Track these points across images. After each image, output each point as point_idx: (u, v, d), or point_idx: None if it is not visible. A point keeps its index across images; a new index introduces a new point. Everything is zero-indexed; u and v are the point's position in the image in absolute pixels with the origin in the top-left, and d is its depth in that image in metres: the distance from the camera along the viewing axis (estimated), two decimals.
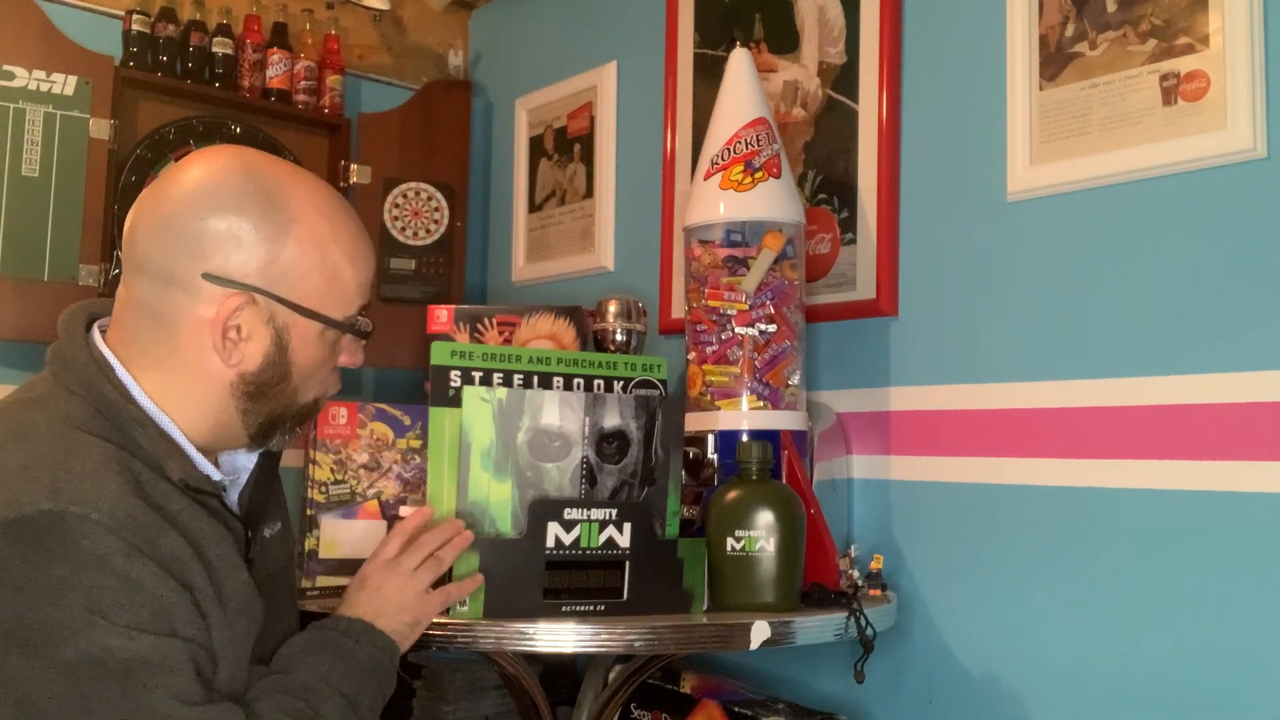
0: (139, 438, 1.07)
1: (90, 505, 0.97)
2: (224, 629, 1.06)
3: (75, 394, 1.07)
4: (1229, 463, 1.46)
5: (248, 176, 1.11)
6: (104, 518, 0.97)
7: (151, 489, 1.04)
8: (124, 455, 1.04)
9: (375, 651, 1.20)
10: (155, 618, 0.98)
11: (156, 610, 0.98)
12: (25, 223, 2.13)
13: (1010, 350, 1.70)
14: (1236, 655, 1.45)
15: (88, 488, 0.98)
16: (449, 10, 2.86)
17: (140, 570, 0.98)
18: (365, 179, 2.61)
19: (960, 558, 1.74)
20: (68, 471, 0.99)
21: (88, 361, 1.09)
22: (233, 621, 1.07)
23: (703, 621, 1.44)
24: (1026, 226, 1.70)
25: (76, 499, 0.97)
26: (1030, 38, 1.69)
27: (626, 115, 2.44)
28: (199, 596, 1.03)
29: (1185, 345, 1.52)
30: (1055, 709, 1.62)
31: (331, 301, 1.14)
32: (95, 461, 1.01)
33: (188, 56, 2.40)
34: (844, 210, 1.92)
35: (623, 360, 1.60)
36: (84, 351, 1.10)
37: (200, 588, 1.03)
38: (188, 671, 0.99)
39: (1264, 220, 1.46)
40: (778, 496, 1.50)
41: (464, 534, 1.33)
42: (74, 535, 0.96)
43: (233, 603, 1.07)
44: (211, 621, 1.04)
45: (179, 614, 1.00)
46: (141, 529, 0.99)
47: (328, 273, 1.13)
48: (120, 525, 0.98)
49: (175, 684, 0.98)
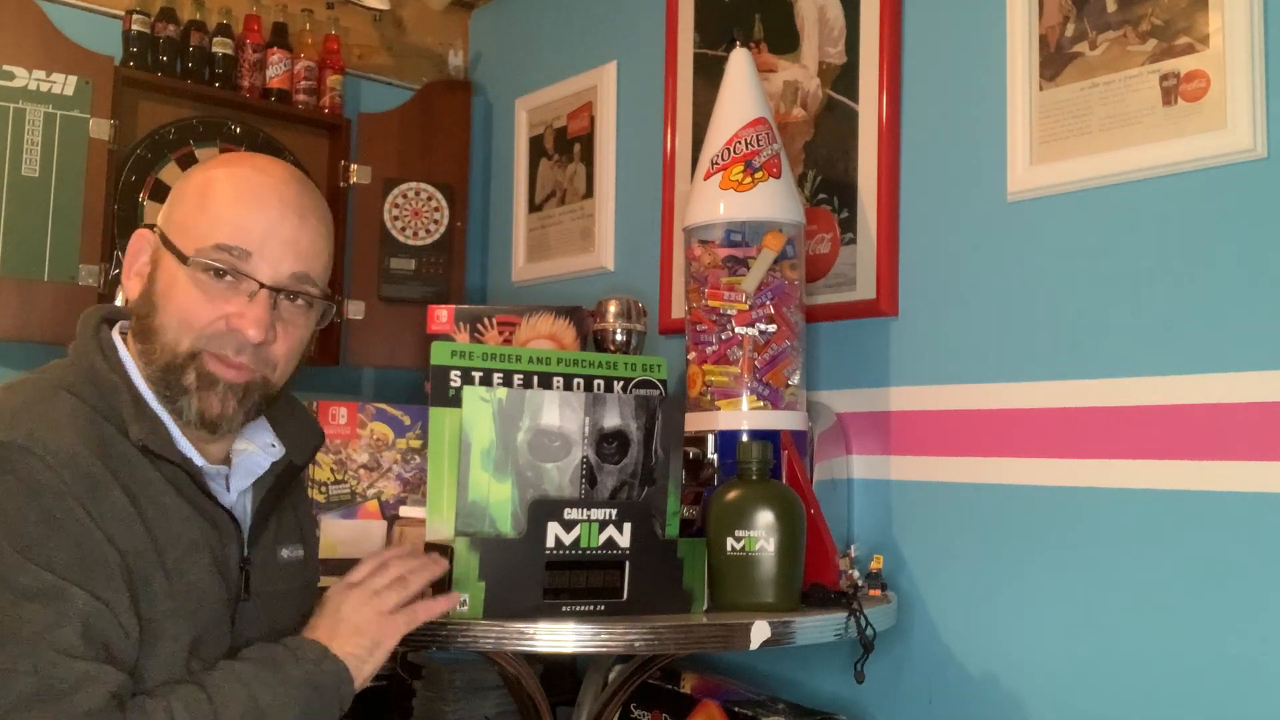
0: (118, 404, 1.11)
1: (39, 443, 1.02)
2: (167, 599, 1.07)
3: (71, 365, 1.15)
4: (1229, 463, 1.46)
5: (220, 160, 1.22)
6: (48, 455, 1.02)
7: (113, 451, 1.08)
8: (96, 417, 1.09)
9: (314, 671, 1.15)
10: (68, 564, 1.00)
11: (72, 556, 1.01)
12: (25, 223, 2.13)
13: (1010, 350, 1.70)
14: (1236, 655, 1.45)
15: (43, 430, 1.04)
16: (449, 10, 2.86)
17: (66, 514, 1.01)
18: (365, 179, 2.61)
19: (960, 558, 1.74)
20: (30, 414, 1.05)
21: (90, 338, 1.16)
22: (178, 595, 1.08)
23: (703, 621, 1.43)
24: (1027, 226, 1.70)
25: (29, 435, 1.03)
26: (1030, 38, 1.69)
27: (626, 115, 2.44)
28: (132, 561, 1.04)
29: (1185, 345, 1.52)
30: (1055, 709, 1.62)
31: (192, 236, 1.15)
32: (63, 413, 1.07)
33: (188, 56, 2.41)
34: (844, 210, 1.92)
35: (623, 360, 1.60)
36: (92, 336, 1.16)
37: (138, 553, 1.05)
38: (75, 624, 0.99)
39: (1264, 220, 1.46)
40: (778, 496, 1.50)
41: (440, 562, 1.31)
42: (13, 464, 1.01)
43: (183, 580, 1.08)
44: (153, 590, 1.06)
45: (96, 568, 1.02)
46: (84, 478, 1.03)
47: (195, 204, 1.17)
48: (62, 466, 1.02)
49: (61, 636, 0.99)
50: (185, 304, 1.14)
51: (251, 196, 1.17)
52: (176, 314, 1.14)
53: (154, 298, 1.15)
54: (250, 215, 1.16)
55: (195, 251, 1.14)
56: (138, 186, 2.36)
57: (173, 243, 1.15)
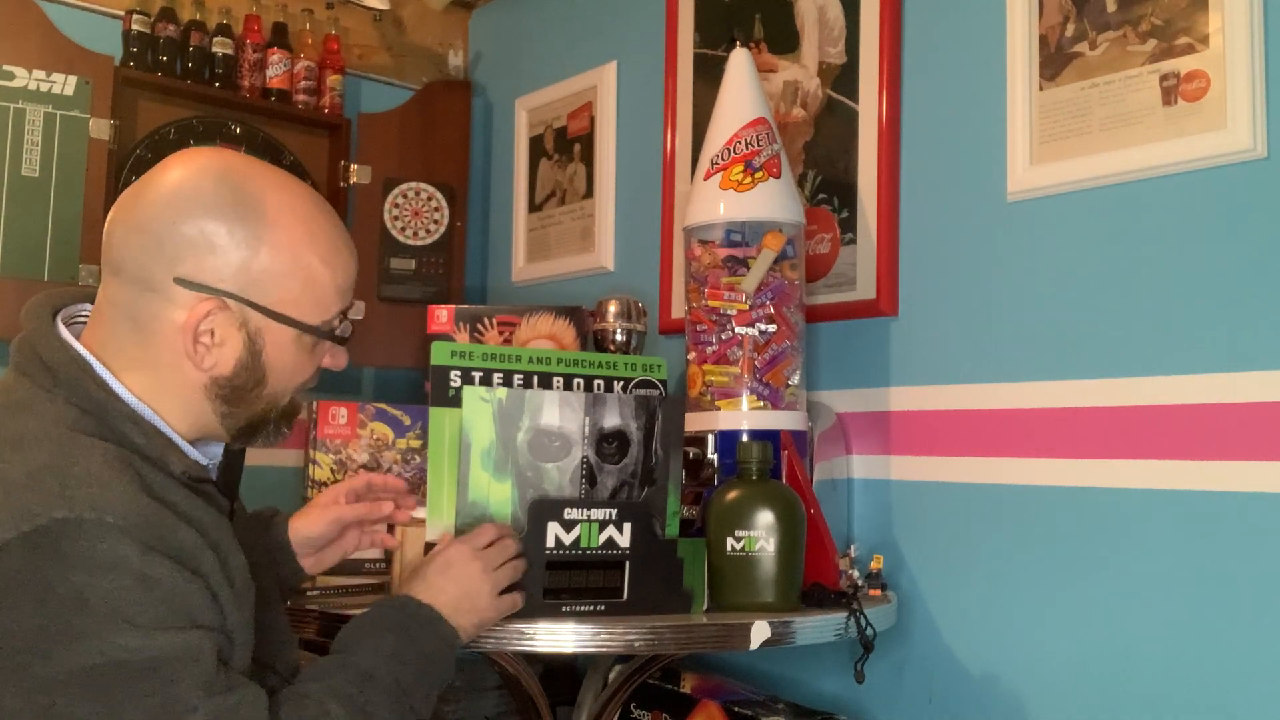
0: (132, 434, 1.07)
1: (103, 509, 0.97)
2: (235, 610, 1.07)
3: (59, 395, 1.07)
4: (1229, 463, 1.46)
5: (223, 180, 1.10)
6: (118, 520, 0.97)
7: (154, 483, 1.05)
8: (124, 453, 1.04)
9: (440, 644, 1.20)
10: (174, 613, 0.99)
11: (174, 605, 0.99)
12: (25, 223, 2.13)
13: (1010, 350, 1.70)
14: (1236, 655, 1.45)
15: (97, 491, 0.98)
16: (449, 10, 2.86)
17: (156, 568, 0.99)
18: (365, 179, 2.61)
19: (960, 558, 1.74)
20: (74, 477, 0.99)
21: (66, 361, 1.08)
22: (241, 602, 1.09)
23: (703, 621, 1.43)
24: (1027, 226, 1.70)
25: (90, 504, 0.97)
26: (1030, 38, 1.69)
27: (626, 115, 2.44)
28: (212, 583, 1.04)
29: (1185, 345, 1.52)
30: (1055, 709, 1.62)
31: (307, 306, 1.13)
32: (99, 463, 1.01)
33: (188, 56, 2.41)
34: (844, 210, 1.92)
35: (622, 360, 1.59)
36: (61, 352, 1.08)
37: (211, 574, 1.04)
38: (210, 660, 1.00)
39: (1264, 220, 1.46)
40: (778, 496, 1.50)
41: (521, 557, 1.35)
42: (90, 540, 0.96)
43: (238, 584, 1.09)
44: (224, 604, 1.06)
45: (196, 604, 1.01)
46: (154, 526, 1.00)
47: (302, 277, 1.12)
48: (134, 525, 0.98)
49: (199, 674, 0.99)
50: (293, 364, 1.15)
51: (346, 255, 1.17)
52: (290, 379, 1.15)
53: (262, 371, 1.13)
54: (349, 269, 1.17)
55: (322, 323, 1.15)
56: None
57: (286, 315, 1.12)
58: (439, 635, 1.20)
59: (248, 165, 1.14)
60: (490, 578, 1.27)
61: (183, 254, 1.08)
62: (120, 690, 0.96)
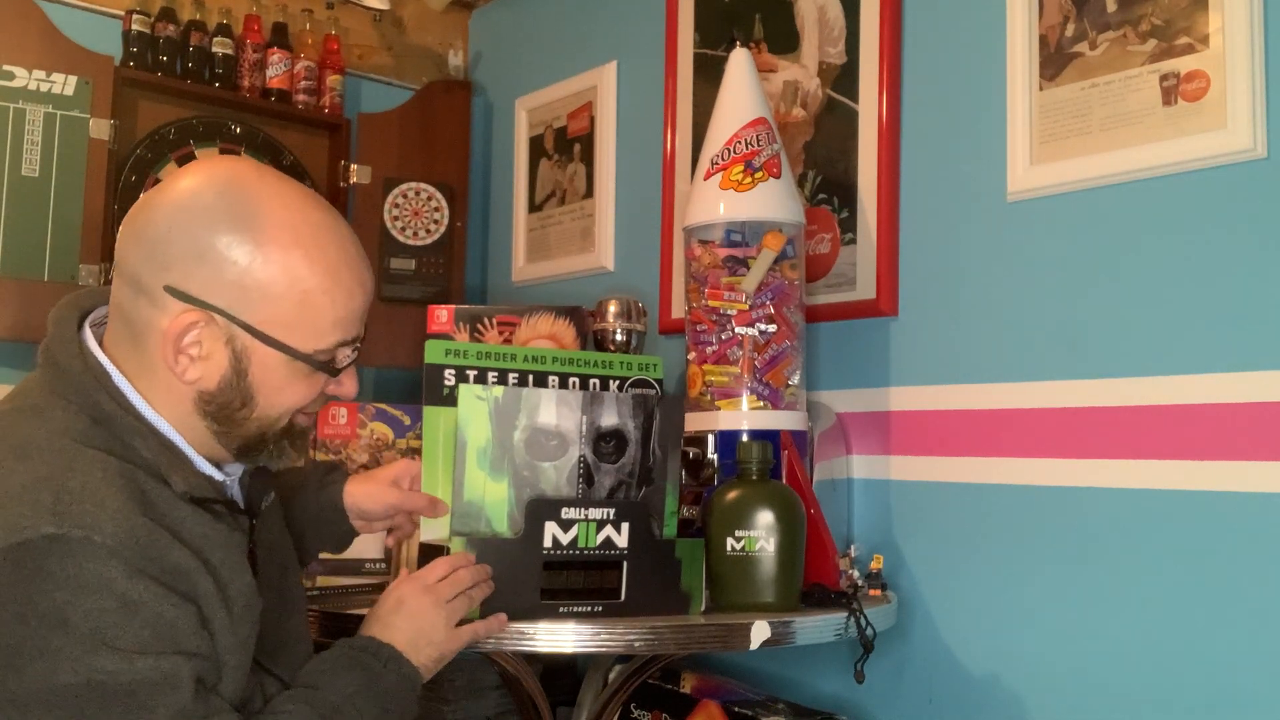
0: (140, 448, 1.05)
1: (92, 527, 0.96)
2: (229, 634, 1.05)
3: (72, 404, 1.05)
4: (1229, 463, 1.46)
5: (225, 193, 1.07)
6: (106, 539, 0.96)
7: (156, 500, 1.03)
8: (127, 467, 1.02)
9: (401, 680, 1.19)
10: (157, 637, 0.98)
11: (158, 629, 0.98)
12: (25, 223, 2.13)
13: (1010, 350, 1.70)
14: (1235, 655, 1.44)
15: (90, 508, 0.97)
16: (449, 10, 2.86)
17: (141, 591, 0.97)
18: (365, 179, 2.61)
19: (960, 558, 1.74)
20: (69, 492, 0.98)
21: (83, 370, 1.07)
22: (237, 626, 1.06)
23: (703, 621, 1.43)
24: (1026, 226, 1.69)
25: (79, 521, 0.96)
26: (1030, 38, 1.69)
27: (626, 115, 2.44)
28: (204, 605, 1.02)
29: (1185, 345, 1.51)
30: (1055, 709, 1.61)
31: (300, 331, 1.09)
32: (97, 479, 0.99)
33: (188, 56, 2.41)
34: (844, 210, 1.92)
35: (618, 359, 1.59)
36: (78, 359, 1.07)
37: (206, 596, 1.03)
38: (188, 689, 0.99)
39: (1264, 220, 1.46)
40: (778, 496, 1.50)
41: (489, 583, 1.34)
42: (77, 559, 0.95)
43: (237, 606, 1.07)
44: (217, 628, 1.04)
45: (180, 629, 0.99)
46: (145, 548, 0.98)
47: (295, 300, 1.08)
48: (122, 545, 0.96)
49: (175, 702, 0.97)
50: (283, 387, 1.11)
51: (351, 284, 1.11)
52: (281, 402, 1.11)
53: (249, 391, 1.09)
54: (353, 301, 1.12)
55: (316, 351, 1.10)
56: (138, 186, 2.36)
57: (273, 337, 1.08)
58: (400, 673, 1.19)
59: (259, 180, 1.10)
60: (443, 611, 1.25)
61: (174, 263, 1.06)
62: (93, 712, 0.95)
